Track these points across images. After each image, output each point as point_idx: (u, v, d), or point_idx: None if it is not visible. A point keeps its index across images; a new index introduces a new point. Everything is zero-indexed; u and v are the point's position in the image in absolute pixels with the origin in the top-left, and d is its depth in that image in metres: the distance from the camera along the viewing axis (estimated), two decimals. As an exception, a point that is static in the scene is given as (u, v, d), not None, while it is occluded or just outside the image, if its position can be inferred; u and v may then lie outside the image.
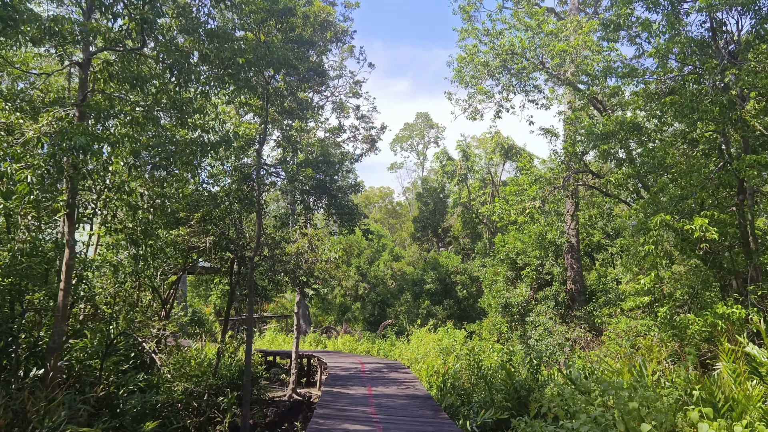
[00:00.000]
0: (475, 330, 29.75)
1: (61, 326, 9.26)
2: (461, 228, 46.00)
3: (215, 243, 15.67)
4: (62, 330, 9.29)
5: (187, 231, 14.95)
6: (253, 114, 14.39)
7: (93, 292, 13.85)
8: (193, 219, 14.65)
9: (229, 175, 14.08)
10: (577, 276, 25.20)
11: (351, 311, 42.22)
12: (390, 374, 19.39)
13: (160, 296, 16.78)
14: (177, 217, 15.19)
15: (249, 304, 14.50)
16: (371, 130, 45.15)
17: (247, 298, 16.96)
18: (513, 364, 15.30)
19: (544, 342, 21.13)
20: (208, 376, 17.31)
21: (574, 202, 24.28)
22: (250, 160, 14.57)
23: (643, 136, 15.08)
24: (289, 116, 14.49)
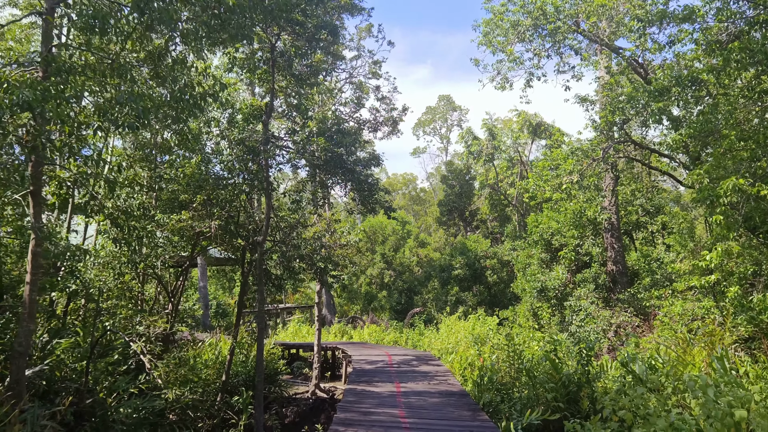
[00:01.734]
0: (509, 316, 28.03)
1: (28, 326, 7.80)
2: (489, 211, 44.15)
3: (222, 228, 14.15)
4: (29, 330, 7.84)
5: (189, 215, 13.45)
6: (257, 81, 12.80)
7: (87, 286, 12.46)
8: (196, 202, 13.14)
9: (232, 149, 12.55)
10: (618, 256, 23.30)
11: (377, 300, 40.71)
12: (420, 367, 17.79)
13: (166, 288, 15.35)
14: (178, 200, 13.73)
15: (258, 294, 12.99)
16: (392, 112, 43.44)
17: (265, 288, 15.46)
18: (558, 354, 13.58)
19: (586, 328, 19.35)
20: (221, 375, 15.90)
21: (615, 176, 22.32)
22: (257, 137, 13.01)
23: (702, 91, 13.17)
24: (299, 83, 12.89)
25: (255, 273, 15.26)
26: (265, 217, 12.78)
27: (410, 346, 26.47)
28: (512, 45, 20.12)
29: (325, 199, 14.71)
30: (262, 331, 12.94)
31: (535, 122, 39.07)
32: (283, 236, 13.85)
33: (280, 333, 34.30)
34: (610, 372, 12.99)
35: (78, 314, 14.01)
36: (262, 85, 13.14)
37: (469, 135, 42.14)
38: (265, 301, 13.28)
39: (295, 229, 15.23)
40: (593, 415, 11.37)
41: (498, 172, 43.18)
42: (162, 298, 15.87)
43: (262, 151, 12.03)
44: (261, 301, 13.14)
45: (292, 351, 28.34)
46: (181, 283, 16.09)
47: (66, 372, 10.10)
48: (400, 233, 44.89)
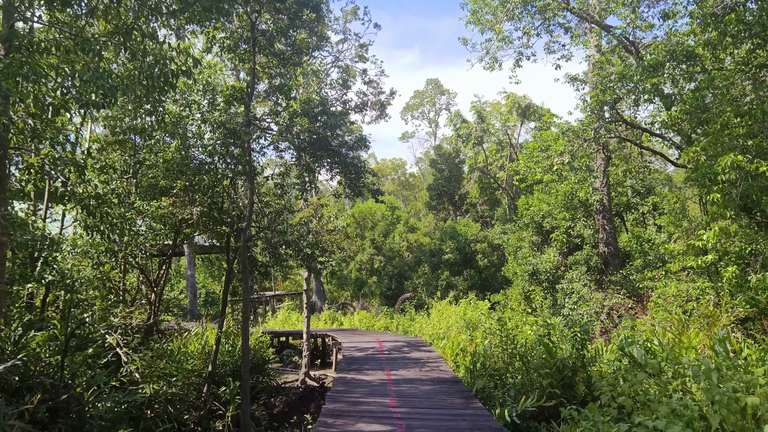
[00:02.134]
0: (500, 300, 27.78)
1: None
2: (478, 194, 43.78)
3: (205, 215, 13.68)
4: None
5: (170, 202, 12.97)
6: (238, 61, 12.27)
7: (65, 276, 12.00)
8: (176, 188, 12.66)
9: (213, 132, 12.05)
10: (610, 238, 23.04)
11: (367, 286, 40.40)
12: (411, 353, 17.48)
13: (148, 277, 14.89)
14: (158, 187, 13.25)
15: (243, 282, 12.55)
16: (380, 95, 42.86)
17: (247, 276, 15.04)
18: (552, 338, 13.27)
19: (579, 311, 19.09)
20: (208, 365, 15.52)
21: (606, 157, 21.99)
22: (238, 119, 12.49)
23: (697, 66, 12.79)
24: (281, 63, 12.38)
25: (241, 260, 14.82)
26: (248, 203, 12.32)
27: (401, 332, 26.19)
28: (501, 23, 19.65)
29: (311, 184, 14.23)
30: (247, 320, 12.53)
31: (524, 104, 38.65)
32: (269, 222, 13.39)
33: (269, 321, 33.93)
34: (605, 355, 12.71)
35: (57, 306, 13.56)
36: (243, 65, 12.60)
37: (457, 118, 41.67)
38: (250, 289, 12.85)
39: (280, 215, 14.79)
40: (589, 400, 11.08)
41: (487, 155, 42.77)
42: (144, 288, 15.41)
43: (243, 133, 11.54)
44: (246, 289, 12.71)
45: (281, 339, 27.98)
46: (165, 272, 15.63)
47: (42, 367, 9.66)
48: (389, 219, 44.52)
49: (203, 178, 12.90)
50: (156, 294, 15.04)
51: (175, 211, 13.10)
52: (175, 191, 12.73)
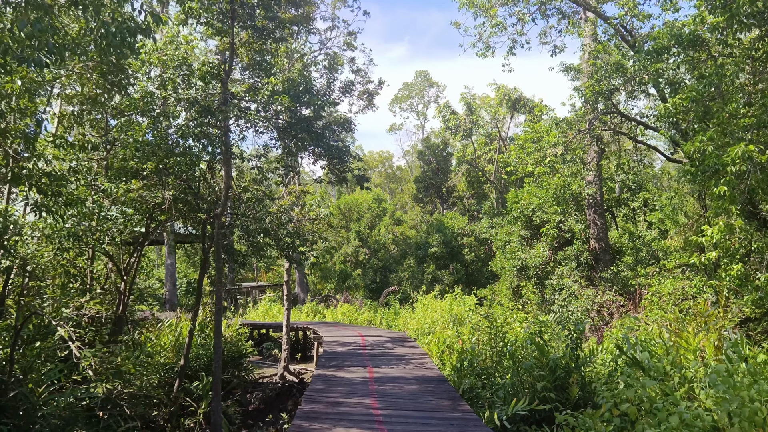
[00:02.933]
0: (487, 295, 27.14)
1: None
2: (466, 187, 43.16)
3: (178, 199, 12.83)
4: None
5: (140, 185, 12.09)
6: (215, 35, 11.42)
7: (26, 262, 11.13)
8: (147, 169, 11.78)
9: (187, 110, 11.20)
10: (601, 233, 22.43)
11: (351, 278, 39.64)
12: (395, 349, 16.76)
13: (117, 265, 14.02)
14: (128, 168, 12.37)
15: (217, 272, 11.74)
16: (368, 85, 41.99)
17: (224, 265, 14.23)
18: (543, 336, 12.59)
19: (570, 308, 18.46)
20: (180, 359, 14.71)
21: (600, 150, 21.33)
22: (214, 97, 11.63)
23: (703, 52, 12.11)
24: (262, 37, 11.54)
25: (215, 249, 13.98)
26: (224, 187, 11.49)
27: (385, 327, 25.48)
28: (495, 7, 18.90)
29: (293, 169, 13.40)
30: (220, 313, 11.72)
31: (515, 96, 37.98)
32: (245, 209, 12.56)
33: (250, 312, 33.09)
34: (600, 355, 12.04)
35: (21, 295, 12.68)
36: (220, 38, 11.73)
37: (446, 109, 40.93)
38: (229, 280, 12.04)
39: (261, 202, 13.95)
40: (583, 403, 10.42)
41: (476, 148, 42.13)
42: (114, 277, 14.53)
43: (219, 111, 10.70)
44: (219, 279, 11.89)
45: (261, 331, 27.18)
46: (136, 260, 14.75)
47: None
48: (375, 211, 43.77)
49: (177, 160, 12.04)
50: (126, 283, 14.17)
51: (145, 194, 12.23)
52: (146, 173, 11.85)
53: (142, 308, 18.80)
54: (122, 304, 14.35)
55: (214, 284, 39.21)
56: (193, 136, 10.88)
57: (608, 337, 14.70)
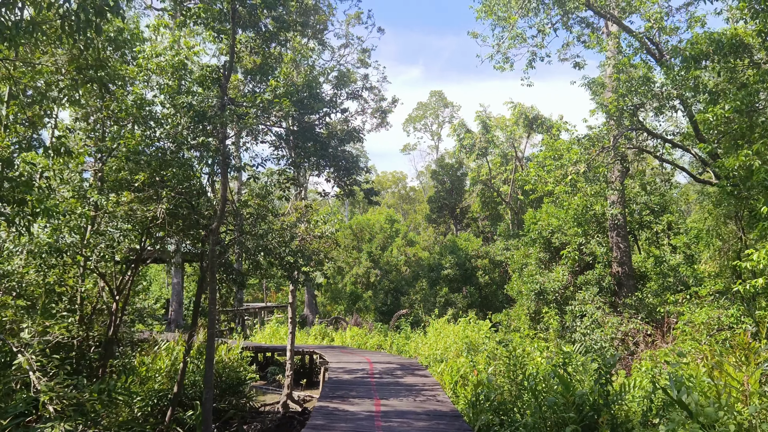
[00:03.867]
0: (502, 320, 25.93)
1: None
2: (480, 208, 42.06)
3: (175, 214, 11.92)
4: None
5: (131, 197, 11.20)
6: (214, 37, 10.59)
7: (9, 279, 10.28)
8: (138, 180, 10.89)
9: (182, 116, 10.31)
10: (625, 257, 21.25)
11: (362, 300, 38.52)
12: (405, 378, 15.66)
13: (108, 284, 13.10)
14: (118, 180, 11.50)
15: (210, 293, 10.77)
16: (381, 102, 41.26)
17: (226, 286, 13.27)
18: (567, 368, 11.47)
19: (593, 336, 17.27)
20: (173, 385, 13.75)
21: (624, 169, 20.25)
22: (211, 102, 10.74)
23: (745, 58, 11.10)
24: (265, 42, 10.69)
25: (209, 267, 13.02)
26: (220, 200, 10.56)
27: (395, 352, 24.35)
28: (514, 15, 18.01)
29: (295, 181, 12.45)
30: (213, 338, 10.72)
31: (532, 115, 37.00)
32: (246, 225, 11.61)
33: (257, 334, 32.07)
34: (632, 391, 10.88)
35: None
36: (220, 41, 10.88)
37: (461, 128, 40.00)
38: (216, 300, 11.06)
39: (264, 218, 13.00)
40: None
41: (491, 168, 41.12)
42: (105, 296, 13.61)
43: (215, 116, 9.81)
44: (212, 300, 10.90)
45: (267, 354, 26.17)
46: (130, 278, 13.84)
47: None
48: (387, 231, 42.78)
49: (173, 171, 11.15)
50: (118, 303, 13.24)
51: (135, 207, 11.32)
52: (137, 185, 10.95)
53: (140, 328, 17.90)
54: (114, 326, 13.41)
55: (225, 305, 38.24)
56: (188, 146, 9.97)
57: (636, 369, 13.52)
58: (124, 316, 14.14)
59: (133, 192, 11.30)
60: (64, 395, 7.96)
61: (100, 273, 12.81)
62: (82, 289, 12.48)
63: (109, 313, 13.62)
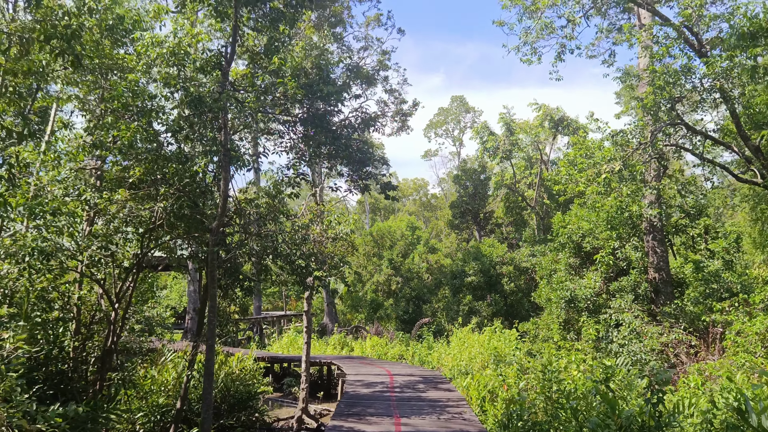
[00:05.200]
0: (530, 330, 24.62)
1: None
2: (504, 213, 40.74)
3: (176, 214, 10.93)
4: None
5: (126, 195, 10.22)
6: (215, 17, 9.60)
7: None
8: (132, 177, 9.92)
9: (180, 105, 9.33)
10: (662, 262, 19.91)
11: (383, 308, 37.37)
12: (427, 392, 14.47)
13: (105, 291, 12.13)
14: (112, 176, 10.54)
15: (210, 299, 9.73)
16: (402, 105, 40.21)
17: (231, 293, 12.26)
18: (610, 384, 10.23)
19: (632, 347, 15.95)
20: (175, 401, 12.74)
21: (662, 167, 18.92)
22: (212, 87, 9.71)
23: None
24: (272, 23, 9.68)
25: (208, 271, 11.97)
26: (221, 196, 9.54)
27: (417, 363, 23.15)
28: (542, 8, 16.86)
29: (304, 176, 11.33)
30: (212, 351, 9.65)
31: (557, 117, 35.69)
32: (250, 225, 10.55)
33: (273, 343, 31.08)
34: (685, 410, 9.61)
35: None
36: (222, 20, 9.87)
37: (484, 130, 38.77)
38: (216, 308, 10.01)
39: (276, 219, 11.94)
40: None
41: (515, 172, 39.81)
42: (104, 304, 12.63)
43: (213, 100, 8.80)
44: (212, 308, 9.85)
45: (284, 365, 25.12)
46: (131, 285, 12.87)
47: None
48: (409, 238, 41.64)
49: (172, 167, 10.16)
50: (117, 311, 12.26)
51: (131, 205, 10.34)
52: (131, 181, 9.98)
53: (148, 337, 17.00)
54: (113, 335, 12.43)
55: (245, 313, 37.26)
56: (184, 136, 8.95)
57: (684, 385, 12.19)
58: (125, 325, 13.18)
59: (129, 189, 10.31)
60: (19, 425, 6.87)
61: (96, 279, 11.84)
62: (76, 296, 11.52)
63: (108, 322, 12.65)
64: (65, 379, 11.08)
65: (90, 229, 12.00)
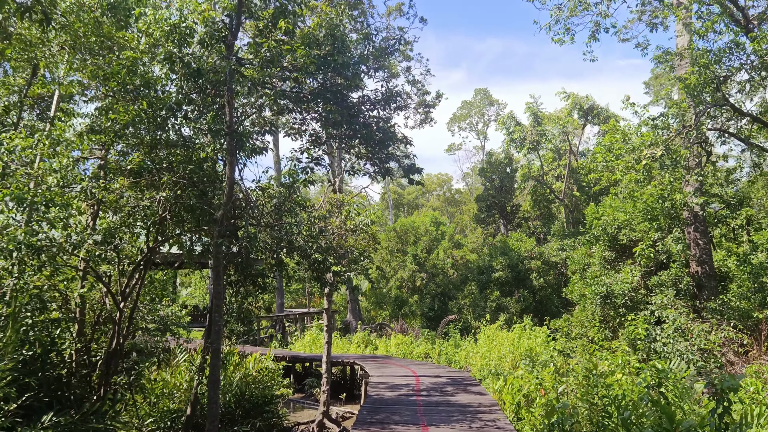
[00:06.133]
0: (561, 327, 23.44)
1: None
2: (531, 207, 39.45)
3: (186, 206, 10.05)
4: None
5: (125, 183, 9.34)
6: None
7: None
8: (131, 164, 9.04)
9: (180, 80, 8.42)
10: (705, 255, 18.56)
11: (408, 305, 36.38)
12: (457, 396, 13.47)
13: (109, 290, 11.31)
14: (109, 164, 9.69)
15: (215, 296, 8.81)
16: (425, 96, 39.07)
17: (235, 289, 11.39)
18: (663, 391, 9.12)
19: (678, 347, 14.74)
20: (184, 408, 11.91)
21: (705, 153, 17.59)
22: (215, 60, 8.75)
23: None
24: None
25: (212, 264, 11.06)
26: (227, 182, 8.62)
27: (444, 362, 22.14)
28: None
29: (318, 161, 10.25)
30: (217, 354, 8.74)
31: (587, 105, 34.30)
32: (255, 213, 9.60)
33: (296, 342, 30.28)
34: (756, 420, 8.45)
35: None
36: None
37: (510, 120, 37.49)
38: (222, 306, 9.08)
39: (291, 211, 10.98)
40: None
41: (543, 164, 38.47)
42: (109, 303, 11.82)
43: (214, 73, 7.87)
44: (218, 306, 8.91)
45: (305, 364, 24.26)
46: (138, 283, 12.04)
47: None
48: (433, 234, 40.57)
49: (174, 151, 9.26)
50: (122, 311, 11.44)
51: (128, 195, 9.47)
52: (130, 168, 9.10)
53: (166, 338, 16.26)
54: (118, 337, 11.62)
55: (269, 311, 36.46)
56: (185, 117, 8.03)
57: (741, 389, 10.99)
58: (132, 325, 12.36)
59: (129, 177, 9.44)
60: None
61: (98, 276, 11.02)
62: (76, 294, 10.71)
63: (113, 323, 11.84)
64: (63, 385, 10.28)
65: (94, 223, 11.21)
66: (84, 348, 11.55)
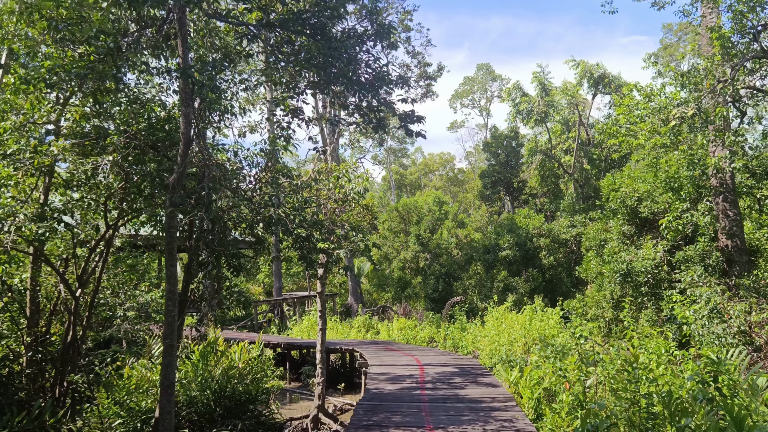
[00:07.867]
0: (576, 308, 21.83)
1: None
2: (539, 183, 37.69)
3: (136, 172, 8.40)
4: None
5: (60, 146, 7.67)
6: None
7: None
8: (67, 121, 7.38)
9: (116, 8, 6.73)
10: (735, 227, 16.84)
11: (411, 287, 34.82)
12: (466, 389, 11.90)
13: (59, 273, 9.71)
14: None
15: (167, 280, 7.20)
16: (426, 68, 37.23)
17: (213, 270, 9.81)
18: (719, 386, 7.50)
19: (713, 329, 13.11)
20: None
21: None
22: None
23: None
24: None
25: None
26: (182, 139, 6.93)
27: (450, 348, 20.56)
28: None
29: (295, 113, 8.53)
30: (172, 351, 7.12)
31: (598, 74, 32.40)
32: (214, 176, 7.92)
33: (293, 328, 28.71)
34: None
35: None
36: None
37: (516, 91, 35.59)
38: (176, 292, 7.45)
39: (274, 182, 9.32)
40: None
41: (551, 137, 36.64)
42: (63, 291, 10.21)
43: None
44: (169, 292, 7.28)
45: (303, 351, 22.70)
46: (99, 267, 10.43)
47: None
48: (436, 213, 38.89)
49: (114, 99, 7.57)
50: (76, 299, 9.84)
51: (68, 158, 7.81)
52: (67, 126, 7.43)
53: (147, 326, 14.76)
54: (73, 328, 10.04)
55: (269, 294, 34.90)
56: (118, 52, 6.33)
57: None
58: (93, 314, 10.78)
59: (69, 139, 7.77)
60: None
61: (45, 258, 9.41)
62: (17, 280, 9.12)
63: (68, 312, 10.25)
64: (5, 386, 8.74)
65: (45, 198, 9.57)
66: (35, 342, 9.99)
